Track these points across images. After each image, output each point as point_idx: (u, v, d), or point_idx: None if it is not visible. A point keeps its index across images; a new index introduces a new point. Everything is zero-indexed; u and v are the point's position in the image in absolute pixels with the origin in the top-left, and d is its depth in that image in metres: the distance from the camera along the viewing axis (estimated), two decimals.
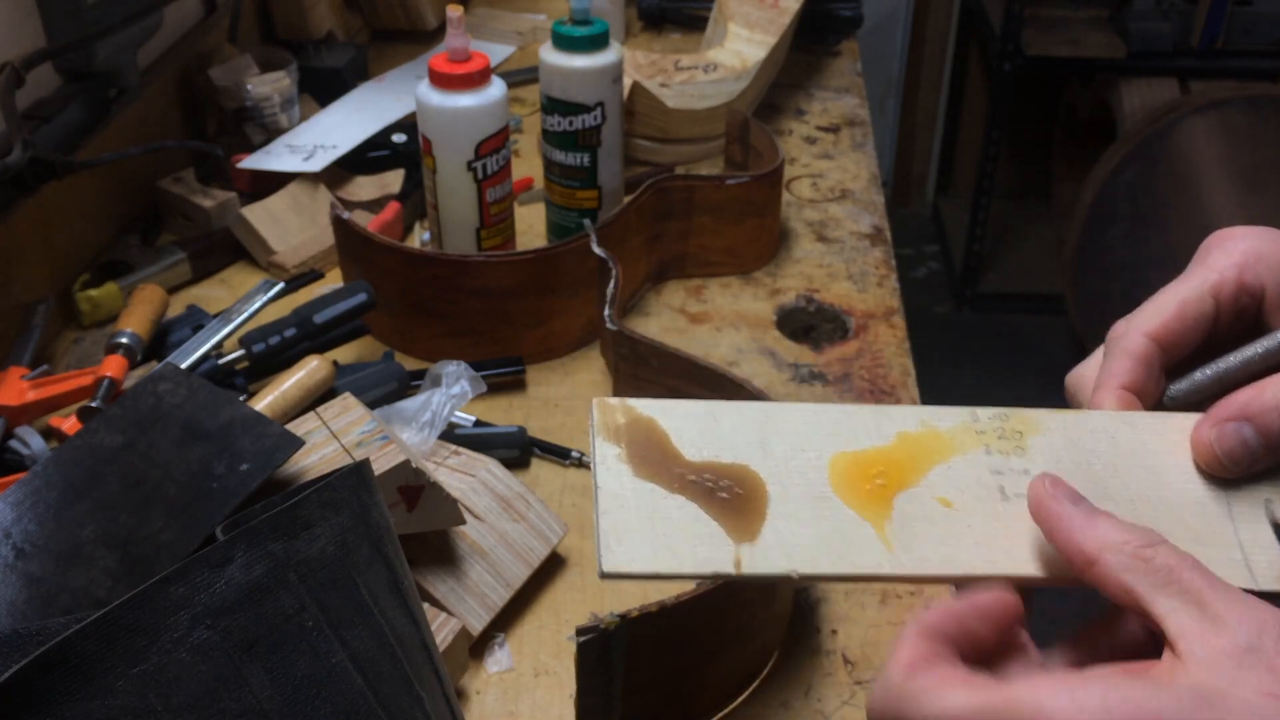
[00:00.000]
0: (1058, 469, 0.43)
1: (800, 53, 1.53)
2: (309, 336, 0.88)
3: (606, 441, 0.43)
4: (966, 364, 2.64)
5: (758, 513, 0.42)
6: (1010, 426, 0.46)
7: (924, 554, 0.41)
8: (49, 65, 1.04)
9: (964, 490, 0.43)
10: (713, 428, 0.44)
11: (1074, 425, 0.46)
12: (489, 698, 0.69)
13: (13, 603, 0.59)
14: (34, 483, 0.64)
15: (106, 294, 1.00)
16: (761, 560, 0.40)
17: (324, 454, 0.68)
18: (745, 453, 0.43)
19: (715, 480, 0.42)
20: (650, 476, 0.42)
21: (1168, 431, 0.45)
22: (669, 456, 0.43)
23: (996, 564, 0.41)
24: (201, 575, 0.42)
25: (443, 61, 0.96)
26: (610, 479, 0.42)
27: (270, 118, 1.20)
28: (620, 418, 0.44)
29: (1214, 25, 2.39)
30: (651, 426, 0.44)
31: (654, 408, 0.44)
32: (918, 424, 0.45)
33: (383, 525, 0.51)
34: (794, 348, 0.99)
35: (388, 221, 1.10)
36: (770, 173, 1.05)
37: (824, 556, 0.41)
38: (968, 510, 0.43)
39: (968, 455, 0.45)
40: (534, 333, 0.96)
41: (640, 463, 0.42)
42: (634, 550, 0.40)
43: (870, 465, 0.44)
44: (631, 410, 0.44)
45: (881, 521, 0.42)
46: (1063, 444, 0.45)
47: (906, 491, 0.43)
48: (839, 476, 0.43)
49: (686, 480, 0.42)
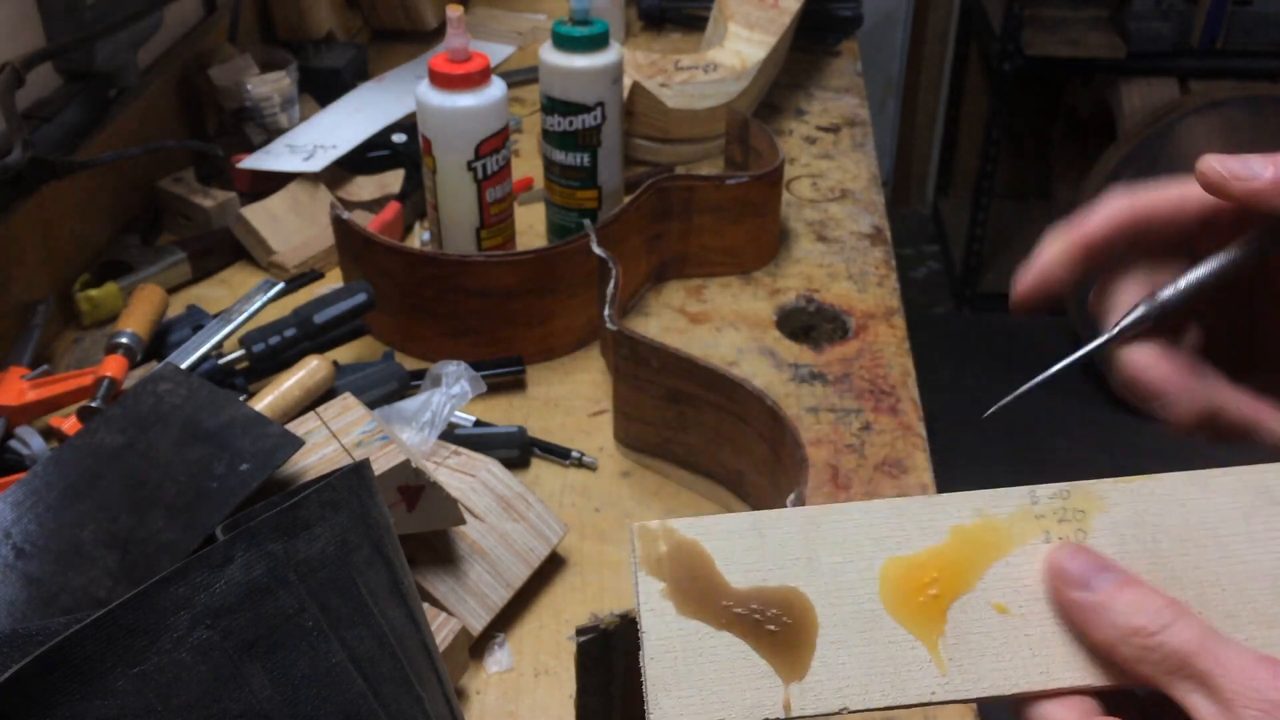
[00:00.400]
0: (1122, 553, 0.42)
1: (800, 53, 1.53)
2: (309, 336, 0.88)
3: (650, 576, 0.41)
4: (966, 364, 2.64)
5: (807, 643, 0.41)
6: (1071, 505, 0.43)
7: (978, 673, 0.40)
8: (49, 65, 1.04)
9: (1020, 591, 0.41)
10: (757, 545, 0.42)
11: (1141, 495, 0.43)
12: (489, 698, 0.69)
13: (13, 603, 0.59)
14: (34, 483, 0.64)
15: (106, 294, 1.00)
16: (812, 700, 0.40)
17: (324, 454, 0.68)
18: (792, 571, 0.42)
19: (763, 610, 0.41)
20: (695, 613, 0.41)
21: (1241, 492, 0.43)
22: (714, 586, 0.41)
23: (1052, 676, 0.40)
24: (201, 575, 0.42)
25: (443, 61, 0.96)
26: (655, 622, 0.41)
27: (270, 118, 1.20)
28: (662, 545, 0.42)
29: (1214, 25, 2.39)
30: (695, 551, 0.42)
31: (697, 528, 0.42)
32: (972, 514, 0.43)
33: (383, 525, 0.51)
34: (794, 348, 0.99)
35: (388, 221, 1.10)
36: (770, 173, 1.05)
37: (875, 689, 0.40)
38: (1025, 615, 0.41)
39: (1027, 546, 0.42)
40: (534, 333, 0.96)
41: (684, 597, 0.41)
42: (684, 702, 0.40)
43: (923, 571, 0.42)
44: (673, 534, 0.42)
45: (934, 639, 0.41)
46: (1128, 520, 0.43)
47: (961, 599, 0.41)
48: (890, 588, 0.42)
49: (733, 614, 0.41)
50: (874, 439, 0.89)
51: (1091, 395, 2.51)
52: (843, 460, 0.87)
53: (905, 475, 0.85)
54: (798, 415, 0.91)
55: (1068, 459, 2.35)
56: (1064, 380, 2.30)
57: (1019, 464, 2.33)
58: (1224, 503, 0.43)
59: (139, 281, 1.02)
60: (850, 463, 0.86)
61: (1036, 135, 2.97)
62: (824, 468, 0.86)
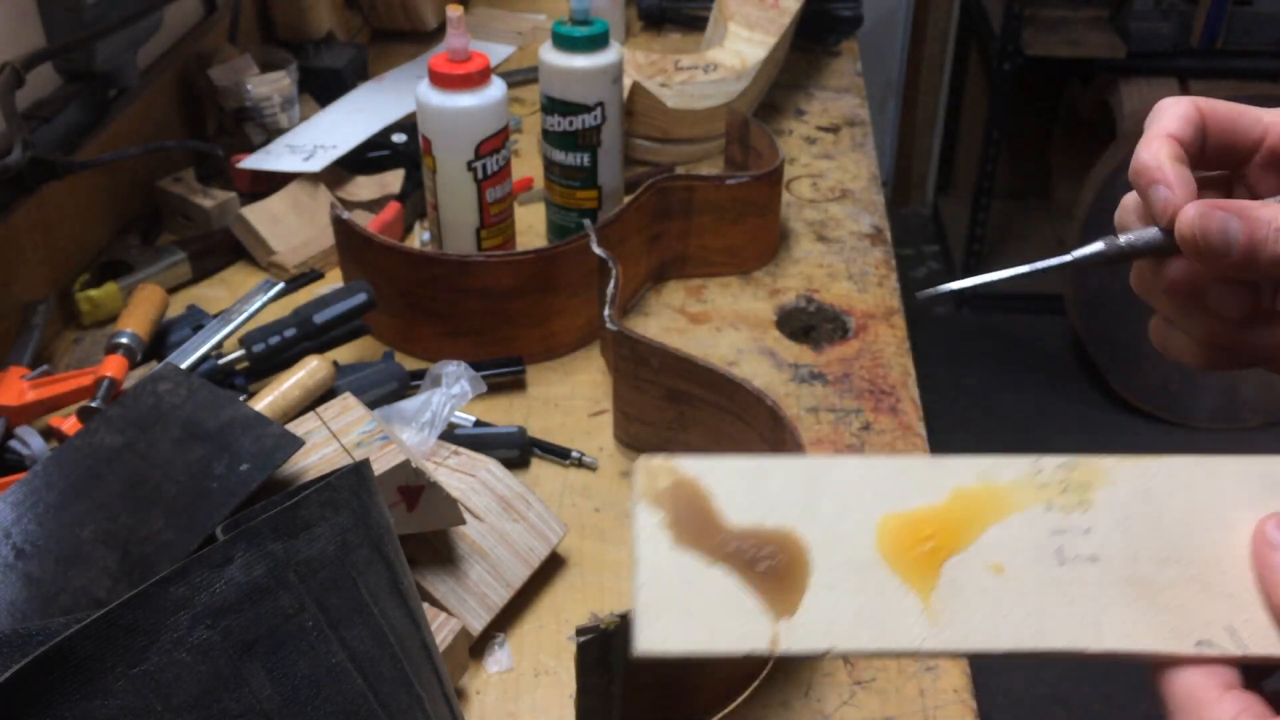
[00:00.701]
0: (1124, 527, 0.42)
1: (800, 53, 1.53)
2: (309, 336, 0.88)
3: (649, 507, 0.42)
4: (966, 364, 2.64)
5: (799, 583, 0.41)
6: (1075, 478, 0.44)
7: (969, 628, 0.40)
8: (49, 65, 1.04)
9: (1018, 554, 0.42)
10: (759, 486, 0.42)
11: (1147, 474, 0.43)
12: (489, 698, 0.69)
13: (13, 603, 0.59)
14: (34, 483, 0.64)
15: (106, 294, 1.00)
16: (799, 637, 0.39)
17: (324, 454, 0.68)
18: (791, 515, 0.42)
19: (758, 548, 0.41)
20: (691, 545, 0.41)
21: (1250, 479, 0.43)
22: (711, 522, 0.42)
23: (1045, 638, 0.40)
24: (201, 575, 0.42)
25: (443, 61, 0.96)
26: (650, 550, 0.41)
27: (270, 118, 1.20)
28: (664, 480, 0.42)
29: (1214, 25, 2.39)
30: (695, 488, 0.42)
31: (700, 466, 0.43)
32: (975, 477, 0.43)
33: (383, 525, 0.51)
34: (794, 348, 0.99)
35: (388, 221, 1.10)
36: (770, 173, 1.05)
37: (864, 632, 0.40)
38: (1021, 577, 0.41)
39: (1026, 513, 0.42)
40: (534, 333, 0.96)
41: (682, 530, 0.41)
42: (670, 629, 0.39)
43: (921, 527, 0.42)
44: (676, 470, 0.42)
45: (928, 591, 0.41)
46: (1132, 497, 0.43)
47: (957, 556, 0.41)
48: (887, 539, 0.42)
49: (728, 549, 0.41)
50: (874, 439, 0.89)
51: (1091, 395, 2.51)
52: None
53: None
54: (798, 415, 0.91)
55: None
56: (1064, 380, 2.31)
57: None
58: (1230, 488, 0.43)
59: (139, 281, 1.02)
60: None
61: (1036, 135, 2.97)
62: None
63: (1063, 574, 0.41)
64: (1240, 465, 0.43)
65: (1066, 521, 0.42)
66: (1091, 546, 0.42)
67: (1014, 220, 2.99)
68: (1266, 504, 0.42)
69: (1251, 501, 0.42)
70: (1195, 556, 0.41)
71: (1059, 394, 2.52)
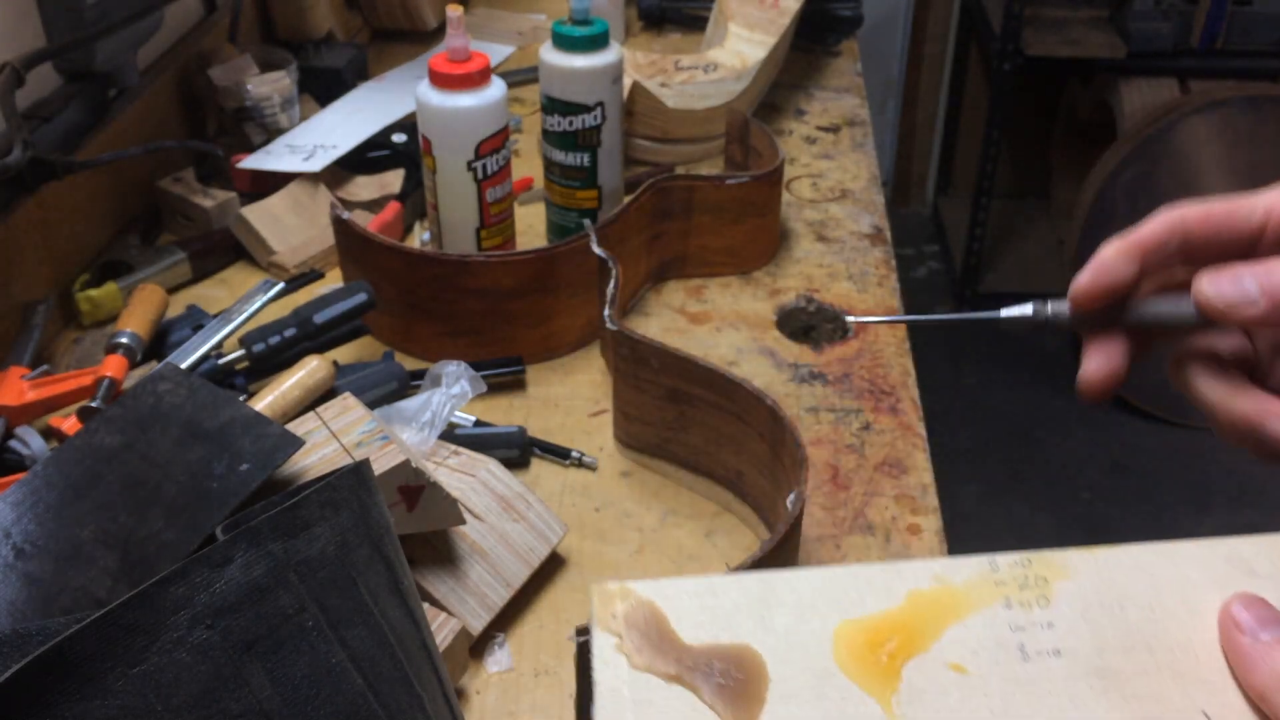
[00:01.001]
0: (1087, 618, 0.41)
1: (800, 53, 1.53)
2: (309, 336, 0.88)
3: (604, 632, 0.42)
4: (966, 364, 2.64)
5: (758, 698, 0.40)
6: (1034, 573, 0.42)
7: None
8: (49, 65, 1.04)
9: (980, 652, 0.40)
10: (712, 604, 0.42)
11: (1107, 564, 0.42)
12: (489, 698, 0.69)
13: (13, 603, 0.59)
14: (34, 483, 0.64)
15: (106, 294, 1.00)
16: None
17: (324, 454, 0.68)
18: (746, 629, 0.41)
19: (714, 665, 0.41)
20: (647, 665, 0.41)
21: (1214, 562, 0.42)
22: (668, 641, 0.41)
23: None
24: (201, 575, 0.42)
25: (443, 61, 0.96)
26: (607, 673, 0.41)
27: (270, 118, 1.20)
28: (619, 604, 0.42)
29: (1214, 25, 2.39)
30: (651, 609, 0.42)
31: (653, 588, 0.43)
32: (931, 579, 0.42)
33: (383, 525, 0.51)
34: (794, 348, 0.99)
35: (388, 221, 1.10)
36: (770, 173, 1.05)
37: None
38: (984, 675, 0.40)
39: (985, 611, 0.41)
40: (534, 333, 0.96)
41: (638, 651, 0.41)
42: None
43: (879, 632, 0.41)
44: (631, 594, 0.43)
45: (889, 696, 0.40)
46: (1093, 588, 0.42)
47: (917, 659, 0.40)
48: (844, 647, 0.41)
49: (685, 667, 0.41)
50: (874, 439, 0.89)
51: None
52: (843, 460, 0.87)
53: (905, 475, 0.85)
54: (798, 415, 0.91)
55: (1067, 459, 2.35)
56: (1064, 380, 2.32)
57: (1018, 463, 2.33)
58: (1194, 572, 0.42)
59: (139, 281, 1.02)
60: (850, 463, 0.86)
61: (1036, 135, 2.97)
62: (824, 468, 0.86)
63: (1027, 670, 0.40)
64: (1202, 548, 0.43)
65: (1027, 617, 0.41)
66: (1054, 640, 0.41)
67: (1014, 220, 2.99)
68: (1231, 585, 0.41)
69: (1216, 584, 0.42)
70: (1163, 643, 0.40)
71: (1059, 394, 2.53)
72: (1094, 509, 2.25)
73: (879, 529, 0.81)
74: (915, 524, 0.81)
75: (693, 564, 0.78)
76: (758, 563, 0.65)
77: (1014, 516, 2.24)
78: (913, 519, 0.81)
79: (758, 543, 0.80)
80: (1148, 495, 2.28)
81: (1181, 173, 2.30)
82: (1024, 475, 2.32)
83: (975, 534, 2.18)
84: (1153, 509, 2.25)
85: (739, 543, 0.80)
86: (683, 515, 0.83)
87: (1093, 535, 2.18)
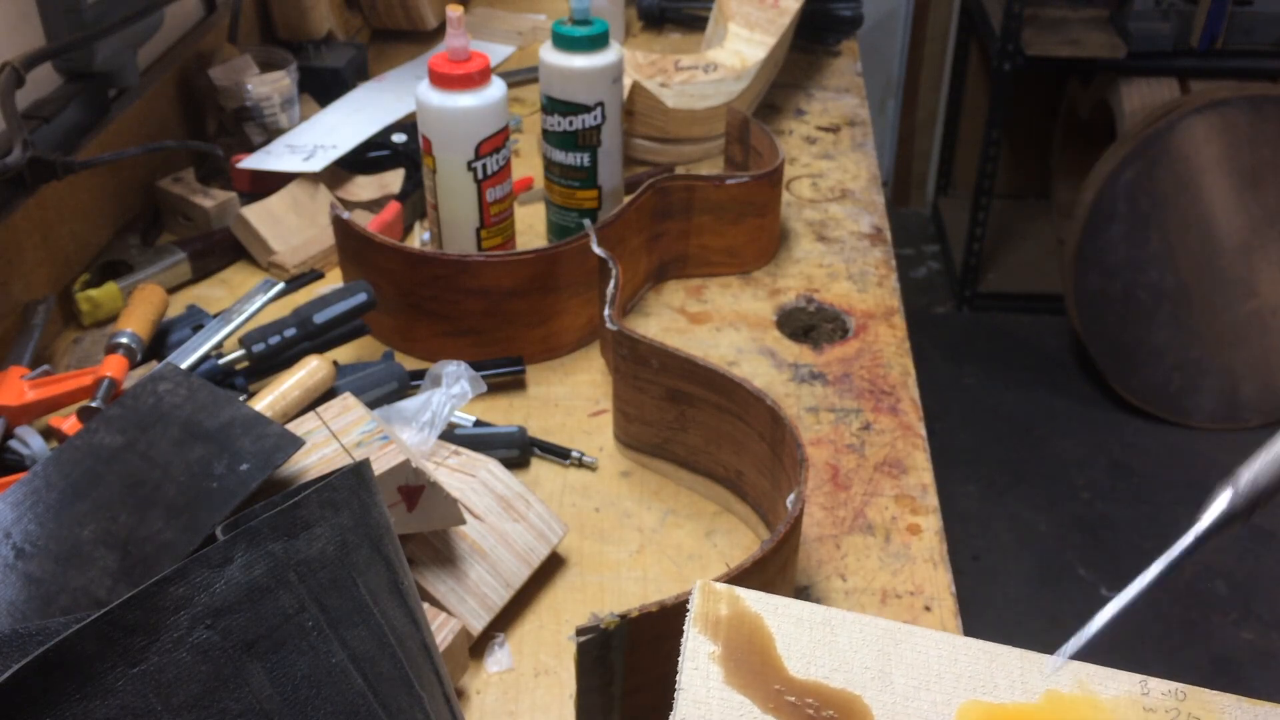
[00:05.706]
0: None
1: (800, 53, 1.53)
2: (309, 336, 0.88)
3: (701, 634, 0.38)
4: (966, 364, 2.64)
5: None
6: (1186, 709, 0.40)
7: None
8: (49, 65, 1.04)
9: None
10: (827, 640, 0.39)
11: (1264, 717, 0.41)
12: (489, 698, 0.69)
13: (13, 603, 0.59)
14: (34, 483, 0.64)
15: (106, 294, 1.00)
16: None
17: (324, 454, 0.68)
18: (860, 679, 0.38)
19: (818, 708, 0.37)
20: (743, 687, 0.37)
21: None
22: (770, 666, 0.38)
23: None
24: (201, 575, 0.42)
25: (443, 61, 0.96)
26: (696, 679, 0.37)
27: (270, 118, 1.20)
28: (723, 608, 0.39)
29: (1214, 25, 2.39)
30: (756, 625, 0.39)
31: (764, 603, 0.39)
32: (1074, 685, 0.40)
33: (383, 525, 0.51)
34: (794, 348, 0.99)
35: (388, 221, 1.10)
36: (770, 173, 1.05)
37: None
38: None
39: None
40: (534, 333, 0.96)
41: (735, 668, 0.38)
42: None
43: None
44: (738, 601, 0.39)
45: None
46: None
47: None
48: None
49: (785, 700, 0.37)
50: (874, 439, 0.89)
51: (1091, 395, 2.51)
52: (843, 460, 0.87)
53: (905, 475, 0.85)
54: (798, 415, 0.91)
55: (1067, 459, 2.35)
56: (1064, 380, 2.31)
57: (1018, 463, 2.33)
58: None
59: (139, 281, 1.02)
60: (850, 463, 0.86)
61: (1036, 135, 2.97)
62: (824, 468, 0.86)
63: None
64: None
65: None
66: None
67: (1014, 220, 2.99)
68: None
69: None
70: None
71: (1059, 394, 2.52)
72: (1094, 509, 2.25)
73: (879, 529, 0.81)
74: (915, 524, 0.81)
75: (692, 564, 0.78)
76: (758, 563, 0.65)
77: (1014, 516, 2.24)
78: (913, 519, 0.81)
79: (758, 543, 0.80)
80: (1148, 495, 2.28)
81: (1181, 173, 2.30)
82: (1024, 475, 2.32)
83: (975, 534, 2.18)
84: (1153, 509, 2.25)
85: (739, 543, 0.80)
86: (683, 515, 0.83)
87: (1092, 535, 2.18)
